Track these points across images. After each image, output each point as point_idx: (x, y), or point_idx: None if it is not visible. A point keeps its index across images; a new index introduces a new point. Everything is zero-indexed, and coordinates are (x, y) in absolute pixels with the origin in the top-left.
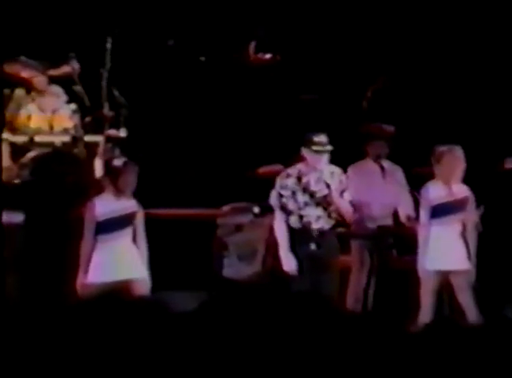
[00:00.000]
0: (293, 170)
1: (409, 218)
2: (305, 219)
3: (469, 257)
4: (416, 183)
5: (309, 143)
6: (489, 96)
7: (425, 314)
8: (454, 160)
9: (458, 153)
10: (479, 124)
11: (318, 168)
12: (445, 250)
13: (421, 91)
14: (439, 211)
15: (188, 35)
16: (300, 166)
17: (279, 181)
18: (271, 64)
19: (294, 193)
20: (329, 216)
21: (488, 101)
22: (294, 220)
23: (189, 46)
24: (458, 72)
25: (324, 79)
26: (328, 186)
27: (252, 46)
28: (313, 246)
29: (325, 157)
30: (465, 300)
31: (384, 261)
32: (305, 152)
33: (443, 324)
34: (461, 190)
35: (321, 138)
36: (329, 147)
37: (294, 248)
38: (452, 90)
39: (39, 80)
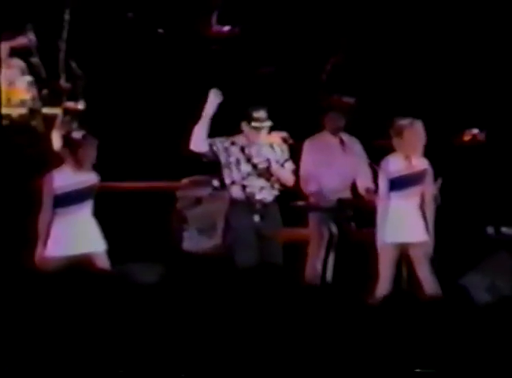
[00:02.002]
0: (237, 139)
1: (368, 190)
2: (248, 189)
3: (427, 230)
4: (376, 155)
5: (248, 118)
6: (448, 69)
7: (383, 286)
8: (414, 134)
9: (419, 127)
10: (437, 96)
11: (257, 142)
12: (403, 222)
13: (381, 64)
14: (398, 184)
15: (147, 7)
16: (241, 138)
17: (224, 139)
18: (229, 36)
19: (238, 162)
20: (272, 187)
21: (447, 74)
22: (236, 190)
23: (148, 18)
24: (417, 45)
25: (284, 52)
26: (268, 159)
27: (213, 18)
28: (256, 218)
29: (264, 133)
30: (423, 272)
31: (343, 233)
32: (244, 126)
33: (401, 297)
34: (420, 163)
35: (260, 113)
36: (268, 123)
37: (237, 220)
38: (411, 64)
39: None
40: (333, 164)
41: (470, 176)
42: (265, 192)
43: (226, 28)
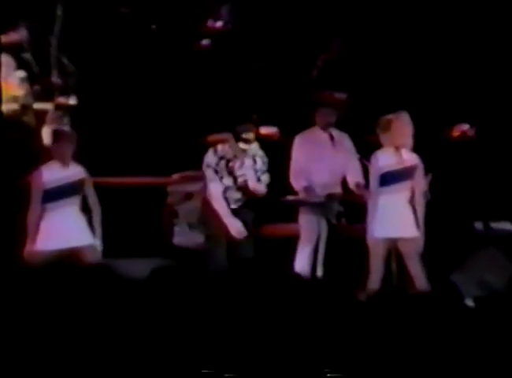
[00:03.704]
0: (222, 152)
1: (358, 185)
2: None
3: (418, 225)
4: (366, 150)
5: (236, 137)
6: (438, 65)
7: (374, 282)
8: (402, 125)
9: (405, 118)
10: (428, 92)
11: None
12: (393, 217)
13: (371, 60)
14: (388, 179)
15: (140, 3)
16: (227, 149)
17: (214, 158)
18: (222, 32)
19: (221, 176)
20: (247, 198)
21: (437, 70)
22: None
23: (141, 13)
24: (409, 41)
25: (276, 48)
26: (248, 174)
27: (206, 14)
28: None
29: (249, 153)
30: (414, 268)
31: (333, 228)
32: (231, 142)
33: (391, 292)
34: (410, 158)
35: (249, 135)
36: (255, 145)
37: (209, 219)
38: (402, 59)
39: None
40: (323, 160)
41: (460, 172)
42: (239, 203)
43: (219, 24)
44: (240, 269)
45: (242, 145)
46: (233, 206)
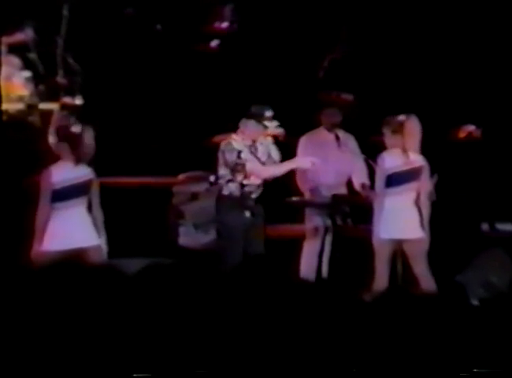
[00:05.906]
0: (242, 138)
1: (363, 186)
2: (246, 188)
3: (423, 226)
4: (371, 151)
5: (258, 118)
6: (445, 66)
7: (380, 283)
8: (414, 128)
9: (416, 121)
10: (434, 93)
11: (259, 141)
12: (399, 218)
13: (377, 60)
14: (395, 180)
15: (145, 3)
16: (243, 136)
17: (240, 144)
18: (228, 33)
19: (245, 162)
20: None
21: (444, 71)
22: (234, 188)
23: (146, 13)
24: (414, 42)
25: (282, 48)
26: (271, 157)
27: (212, 14)
28: (248, 214)
29: (269, 132)
30: (419, 269)
31: (338, 229)
32: (250, 125)
33: (397, 293)
34: (416, 159)
35: (271, 113)
36: (277, 122)
37: (228, 215)
38: (408, 60)
39: None
40: (329, 161)
41: (466, 173)
42: (259, 190)
43: (224, 25)
44: (245, 270)
45: (267, 123)
46: (254, 195)
